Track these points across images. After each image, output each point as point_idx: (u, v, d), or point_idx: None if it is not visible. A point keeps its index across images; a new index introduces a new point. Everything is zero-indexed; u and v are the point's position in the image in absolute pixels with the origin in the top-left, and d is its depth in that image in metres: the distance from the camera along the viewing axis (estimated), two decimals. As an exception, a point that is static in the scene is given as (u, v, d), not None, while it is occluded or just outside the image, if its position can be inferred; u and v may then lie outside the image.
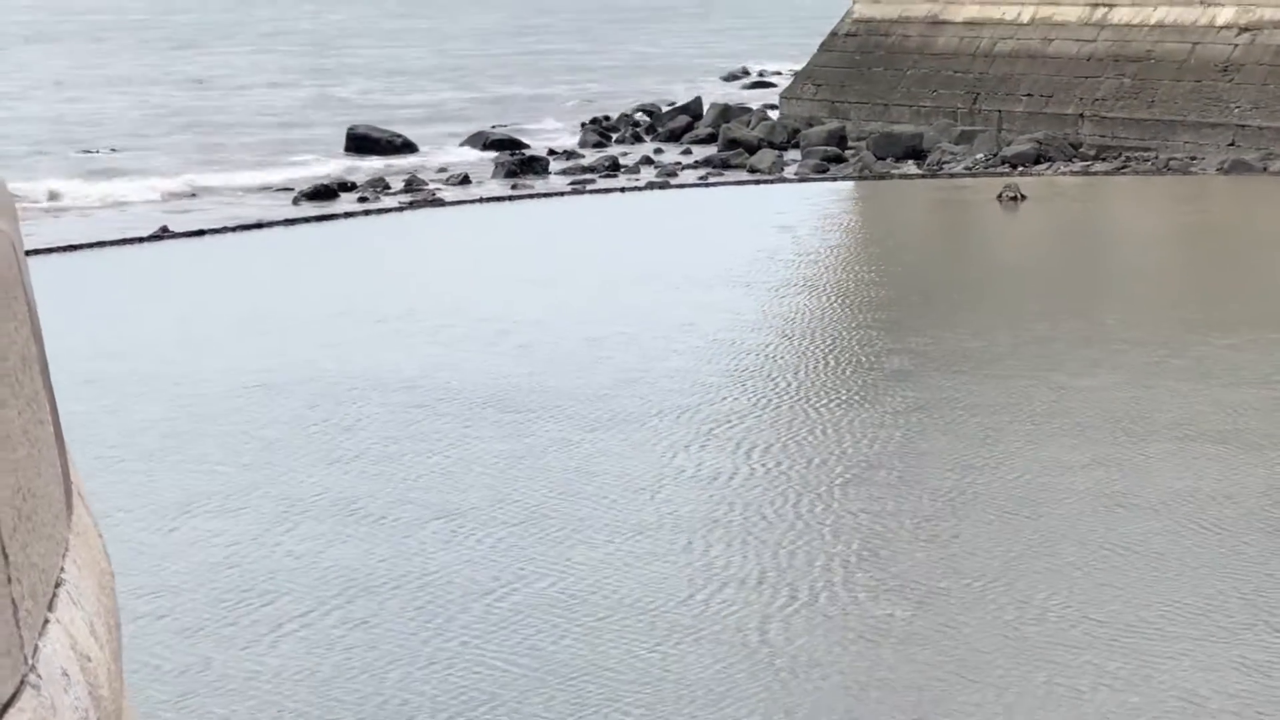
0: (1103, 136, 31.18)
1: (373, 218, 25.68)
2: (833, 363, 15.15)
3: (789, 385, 14.31)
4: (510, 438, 12.97)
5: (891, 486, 11.74)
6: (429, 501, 11.61)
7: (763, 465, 12.22)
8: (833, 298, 18.10)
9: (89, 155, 36.31)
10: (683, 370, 14.79)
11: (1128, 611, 9.62)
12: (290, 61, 60.23)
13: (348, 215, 25.96)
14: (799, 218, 24.25)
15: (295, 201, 29.33)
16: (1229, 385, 14.02)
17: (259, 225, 25.09)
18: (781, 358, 15.28)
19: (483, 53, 63.17)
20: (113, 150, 37.26)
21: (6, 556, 2.31)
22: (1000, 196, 25.41)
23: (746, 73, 50.52)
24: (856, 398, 13.94)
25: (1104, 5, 32.14)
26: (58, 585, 2.61)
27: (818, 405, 13.73)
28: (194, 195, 30.65)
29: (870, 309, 17.54)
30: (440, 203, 27.92)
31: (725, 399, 13.90)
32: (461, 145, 36.35)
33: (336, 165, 34.08)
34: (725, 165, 32.22)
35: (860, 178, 30.07)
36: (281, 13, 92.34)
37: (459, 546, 10.80)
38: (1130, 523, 10.93)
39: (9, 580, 2.30)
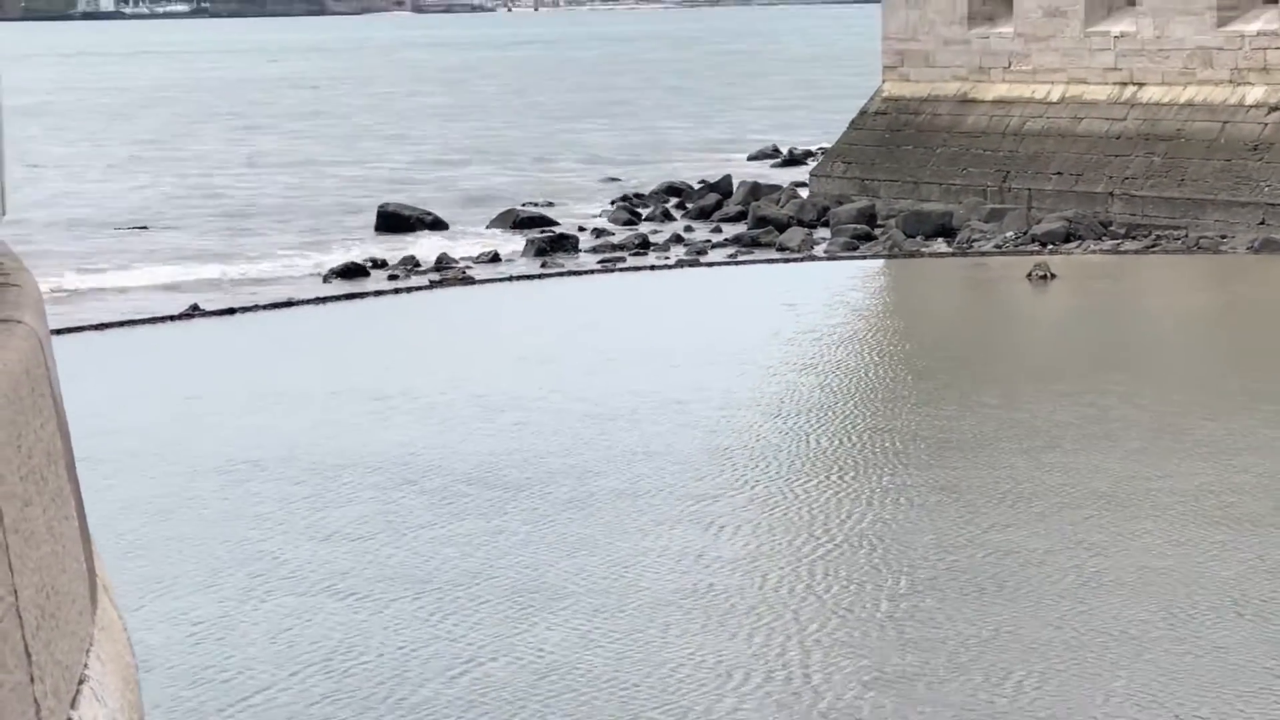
0: (1133, 215, 31.11)
1: (401, 296, 25.77)
2: (818, 443, 15.11)
3: (771, 465, 14.28)
4: (493, 515, 13.00)
5: (870, 567, 11.70)
6: (408, 577, 11.65)
7: (742, 544, 12.20)
8: (832, 377, 18.06)
9: (125, 235, 36.56)
10: (669, 448, 14.80)
11: (1098, 695, 9.56)
12: (319, 140, 60.74)
13: (377, 294, 26.05)
14: (820, 296, 24.25)
15: (326, 279, 29.52)
16: (1223, 467, 13.90)
17: (288, 304, 25.20)
18: (767, 437, 15.25)
19: (506, 131, 63.55)
20: (144, 228, 37.56)
21: (29, 655, 2.32)
22: (1030, 275, 25.33)
23: (776, 150, 50.57)
24: (839, 478, 13.89)
25: (1133, 84, 32.14)
26: (81, 682, 2.62)
27: (800, 485, 13.70)
28: (226, 274, 30.87)
29: (868, 389, 17.49)
30: (470, 281, 28.01)
31: (706, 477, 13.90)
32: (491, 224, 36.47)
33: (367, 243, 34.29)
34: (755, 243, 32.22)
35: (890, 256, 30.05)
36: (301, 93, 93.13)
37: (435, 623, 10.83)
38: (1106, 604, 10.86)
39: (31, 680, 2.31)
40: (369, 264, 30.66)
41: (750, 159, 49.62)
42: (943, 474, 13.89)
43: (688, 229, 34.70)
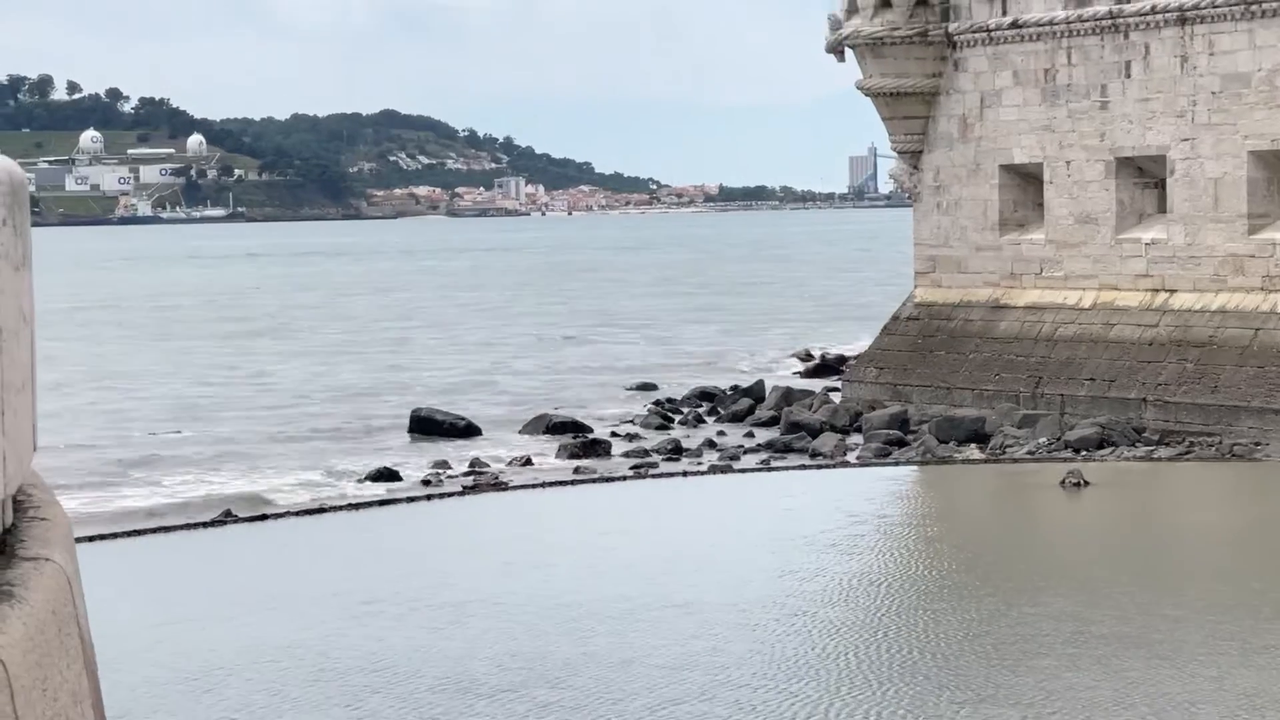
0: (1166, 421, 31.03)
1: (434, 502, 25.77)
2: (783, 651, 14.98)
3: (729, 677, 14.16)
4: (456, 722, 13.05)
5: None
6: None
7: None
8: (814, 583, 17.85)
9: (163, 445, 36.47)
10: (643, 655, 14.79)
11: None
12: (355, 346, 61.17)
13: (410, 500, 26.03)
14: (838, 503, 24.09)
15: (359, 484, 29.63)
16: (1201, 679, 13.66)
17: (320, 510, 25.23)
18: (737, 643, 15.18)
19: (539, 337, 63.88)
20: (179, 433, 37.64)
21: None
22: (1063, 482, 25.23)
23: (809, 356, 50.72)
24: (796, 687, 13.75)
25: (1165, 291, 32.22)
26: None
27: (759, 694, 13.57)
28: (264, 481, 30.90)
29: (856, 601, 17.26)
30: (503, 486, 28.03)
31: (672, 684, 13.84)
32: (524, 429, 36.45)
33: (401, 448, 34.36)
34: (788, 449, 32.20)
35: (923, 462, 29.96)
36: (337, 300, 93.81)
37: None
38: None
39: None
40: (400, 469, 30.76)
41: (784, 362, 49.82)
42: (906, 686, 13.75)
43: (720, 434, 34.68)
